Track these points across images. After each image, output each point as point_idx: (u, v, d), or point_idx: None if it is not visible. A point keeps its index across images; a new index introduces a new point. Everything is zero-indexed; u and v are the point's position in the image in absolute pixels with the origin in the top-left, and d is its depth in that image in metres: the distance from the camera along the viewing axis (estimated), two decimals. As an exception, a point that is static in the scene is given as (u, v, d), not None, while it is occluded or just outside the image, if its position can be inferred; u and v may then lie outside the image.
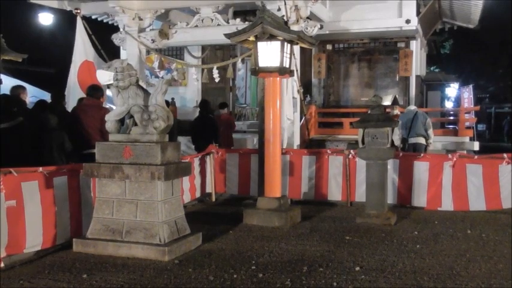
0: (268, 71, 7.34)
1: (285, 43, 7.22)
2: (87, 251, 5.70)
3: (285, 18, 9.49)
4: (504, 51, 26.90)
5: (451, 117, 16.17)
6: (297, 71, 11.09)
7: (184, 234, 6.02)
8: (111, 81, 5.83)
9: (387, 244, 6.24)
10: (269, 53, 7.24)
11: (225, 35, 7.51)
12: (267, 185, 7.56)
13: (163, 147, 5.75)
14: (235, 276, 5.02)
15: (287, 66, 7.41)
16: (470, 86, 23.51)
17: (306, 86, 14.45)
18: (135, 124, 5.92)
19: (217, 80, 11.60)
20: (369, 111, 7.69)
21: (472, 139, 13.09)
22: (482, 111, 38.42)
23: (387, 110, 11.52)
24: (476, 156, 8.78)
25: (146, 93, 5.95)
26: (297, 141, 11.57)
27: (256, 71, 7.46)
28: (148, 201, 5.72)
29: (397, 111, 11.01)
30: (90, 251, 5.69)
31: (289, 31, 7.27)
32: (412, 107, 10.19)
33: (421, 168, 8.57)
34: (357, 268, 5.23)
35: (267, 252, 5.87)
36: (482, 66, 32.32)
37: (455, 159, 8.37)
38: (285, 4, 10.35)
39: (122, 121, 6.00)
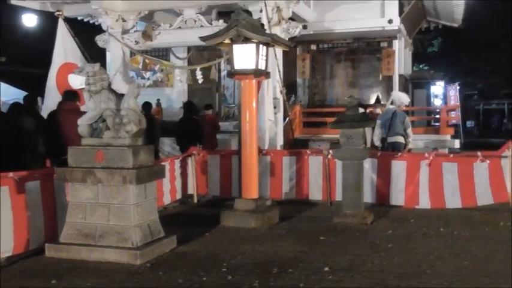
0: (244, 73, 7.35)
1: (260, 45, 7.23)
2: (60, 256, 5.69)
3: (262, 20, 9.47)
4: (490, 49, 26.93)
5: (437, 116, 16.23)
6: (279, 71, 11.16)
7: (158, 237, 6.02)
8: (83, 86, 5.83)
9: (360, 243, 6.26)
10: (244, 56, 7.25)
11: (201, 38, 7.53)
12: (244, 187, 7.57)
13: (135, 150, 5.75)
14: (204, 278, 5.03)
15: (263, 68, 7.42)
16: (456, 84, 23.62)
17: (291, 86, 14.51)
18: (108, 128, 5.92)
19: (200, 81, 11.62)
20: (345, 112, 7.69)
21: (453, 137, 13.15)
22: (470, 108, 38.77)
23: (370, 109, 11.57)
24: (451, 155, 8.81)
25: (118, 97, 5.94)
26: (280, 142, 11.63)
27: (232, 73, 7.48)
28: (121, 205, 5.71)
29: (379, 111, 11.03)
30: (63, 255, 5.68)
31: (264, 34, 7.28)
32: (391, 106, 10.20)
33: (398, 168, 8.58)
34: (326, 268, 5.25)
35: (240, 254, 5.88)
36: (471, 64, 32.38)
37: (431, 158, 8.39)
38: (265, 5, 10.37)
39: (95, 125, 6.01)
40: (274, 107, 11.25)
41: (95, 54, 12.82)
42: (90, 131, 5.93)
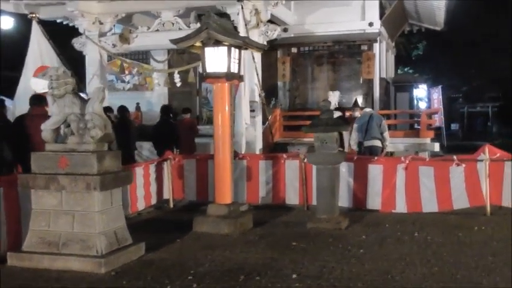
0: (216, 76, 7.25)
1: (232, 48, 7.13)
2: (22, 264, 5.54)
3: (234, 23, 9.37)
4: (472, 52, 27.03)
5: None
6: (257, 74, 11.07)
7: (124, 245, 5.89)
8: (46, 90, 5.69)
9: (332, 249, 6.17)
10: (216, 59, 7.15)
11: (171, 40, 7.41)
12: (217, 192, 7.46)
13: (100, 156, 5.61)
14: (168, 287, 4.91)
15: (235, 71, 7.32)
16: (439, 87, 23.70)
17: (271, 90, 14.44)
18: (73, 133, 5.78)
19: (178, 84, 11.51)
20: (319, 116, 7.61)
21: (434, 140, 13.14)
22: (455, 110, 38.93)
23: (348, 112, 11.50)
24: (427, 159, 8.76)
25: (83, 102, 5.81)
26: (259, 145, 11.52)
27: (204, 76, 7.37)
28: (85, 212, 5.58)
29: (358, 114, 10.96)
30: (25, 264, 5.53)
31: (236, 36, 7.17)
32: (368, 110, 10.16)
33: (375, 171, 8.52)
34: (294, 276, 5.15)
35: (208, 261, 5.76)
36: (455, 67, 32.50)
37: (407, 161, 8.33)
38: (242, 8, 10.28)
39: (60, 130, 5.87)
40: (253, 111, 11.15)
41: (76, 57, 12.69)
42: (53, 136, 5.79)
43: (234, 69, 7.28)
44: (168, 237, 6.86)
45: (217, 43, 7.05)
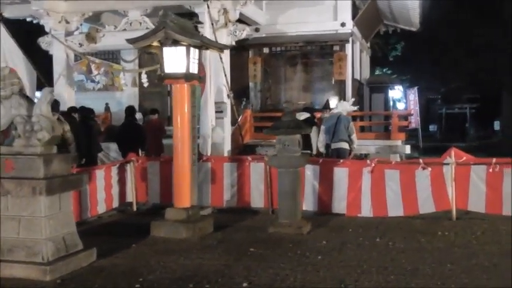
0: (175, 77, 7.11)
1: (191, 48, 6.99)
2: (-36, 272, 5.34)
3: (193, 22, 9.23)
4: (450, 52, 27.14)
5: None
6: (225, 75, 10.92)
7: (74, 251, 5.70)
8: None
9: (289, 256, 6.05)
10: (175, 59, 7.01)
11: (128, 40, 7.25)
12: (176, 195, 7.33)
13: (47, 159, 5.43)
14: (113, 296, 4.76)
15: (194, 72, 7.18)
16: (415, 88, 23.78)
17: (243, 90, 14.30)
18: (20, 136, 5.58)
19: (145, 84, 11.28)
20: (282, 118, 7.50)
21: (405, 142, 13.12)
22: (433, 112, 39.19)
23: (318, 114, 11.42)
24: (393, 162, 8.70)
25: (30, 103, 5.63)
26: (228, 147, 11.39)
27: (162, 77, 7.21)
28: (31, 217, 5.39)
29: (328, 115, 10.87)
30: (-33, 272, 5.33)
31: (193, 36, 7.02)
32: (336, 111, 10.06)
33: (340, 175, 8.43)
34: (245, 284, 5.02)
35: (161, 268, 5.61)
36: (433, 68, 32.62)
37: (373, 164, 8.26)
38: (208, 7, 10.15)
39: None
40: (221, 111, 11.02)
41: (43, 56, 12.45)
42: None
43: (194, 69, 7.13)
44: (124, 242, 6.70)
45: (176, 43, 6.90)
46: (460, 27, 24.60)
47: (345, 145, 9.67)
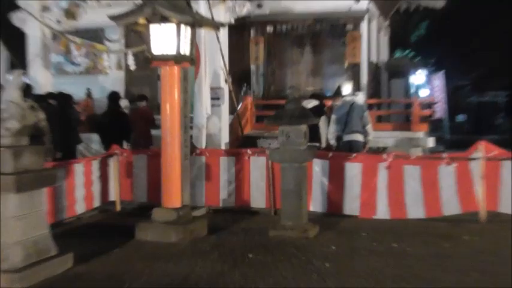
0: (164, 59, 7.09)
1: (182, 26, 6.95)
2: None
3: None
4: (482, 33, 26.98)
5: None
6: (223, 57, 10.92)
7: (47, 257, 5.70)
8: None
9: (293, 263, 6.04)
10: (164, 38, 6.98)
11: (110, 17, 7.22)
12: (165, 194, 7.34)
13: (16, 152, 5.42)
14: (90, 307, 4.76)
15: (186, 53, 7.14)
16: (441, 73, 23.63)
17: (244, 75, 14.31)
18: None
19: (132, 67, 11.37)
20: (285, 106, 7.47)
21: (428, 134, 13.09)
22: (462, 100, 39.01)
23: (328, 102, 11.39)
24: (414, 156, 8.67)
25: (-2, 88, 5.60)
26: (225, 139, 11.42)
27: (149, 59, 7.19)
28: (-2, 218, 5.39)
29: (339, 103, 10.84)
30: None
31: (184, 12, 6.94)
32: (348, 98, 10.01)
33: (353, 171, 8.43)
34: (241, 294, 5.01)
35: (146, 276, 5.61)
36: (463, 50, 32.48)
37: (390, 159, 8.23)
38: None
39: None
40: (217, 98, 11.06)
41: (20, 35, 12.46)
42: (-37, 128, 5.57)
43: (185, 50, 7.10)
44: (105, 246, 6.71)
45: (165, 20, 6.87)
46: (493, 2, 24.46)
47: (359, 137, 9.65)
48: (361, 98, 10.17)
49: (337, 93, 11.22)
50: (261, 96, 14.63)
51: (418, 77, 21.40)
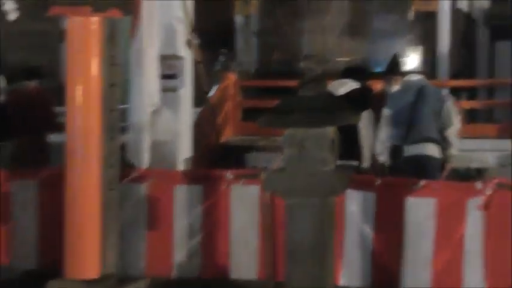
0: (73, 2, 7.17)
1: None
2: None
3: None
4: None
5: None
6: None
7: None
8: None
9: None
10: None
11: None
12: (70, 255, 7.41)
13: None
14: None
15: (114, -7, 7.25)
16: None
17: (221, 33, 14.38)
18: None
19: (11, 17, 11.45)
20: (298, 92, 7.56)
21: None
22: None
23: (377, 85, 11.48)
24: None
25: None
26: (185, 151, 11.47)
27: (49, 2, 7.29)
28: None
29: (396, 87, 10.95)
30: None
31: None
32: (415, 78, 10.06)
33: (420, 213, 8.52)
34: None
35: None
36: None
37: (491, 192, 8.30)
38: None
39: None
40: (173, 77, 11.12)
41: None
42: None
43: (112, -14, 7.21)
44: None
45: None
46: None
47: (433, 149, 9.76)
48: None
49: (394, 68, 11.26)
50: (253, 73, 14.71)
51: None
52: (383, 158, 10.01)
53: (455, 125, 9.85)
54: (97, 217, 7.41)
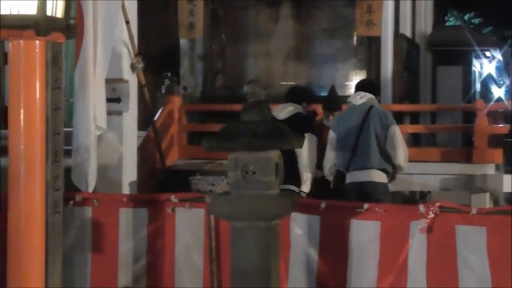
0: (16, 24, 7.10)
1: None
2: None
3: None
4: None
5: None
6: (127, 22, 11.00)
7: None
8: None
9: None
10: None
11: None
12: (12, 280, 7.29)
13: None
14: None
15: (59, 14, 7.20)
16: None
17: (167, 56, 14.35)
18: None
19: None
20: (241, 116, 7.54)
21: (502, 169, 13.26)
22: None
23: (319, 110, 11.51)
24: (474, 210, 8.77)
25: None
26: (131, 175, 11.44)
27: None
28: None
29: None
30: None
31: None
32: (360, 101, 10.08)
33: (364, 236, 8.56)
34: None
35: None
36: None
37: (432, 215, 8.33)
38: None
39: None
40: (118, 100, 11.08)
41: None
42: None
43: (56, 9, 7.15)
44: None
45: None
46: None
47: (379, 176, 9.77)
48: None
49: (330, 104, 11.28)
50: (198, 96, 14.72)
51: (487, 63, 21.75)
52: (331, 177, 10.05)
53: (401, 148, 9.88)
54: (41, 242, 7.29)
